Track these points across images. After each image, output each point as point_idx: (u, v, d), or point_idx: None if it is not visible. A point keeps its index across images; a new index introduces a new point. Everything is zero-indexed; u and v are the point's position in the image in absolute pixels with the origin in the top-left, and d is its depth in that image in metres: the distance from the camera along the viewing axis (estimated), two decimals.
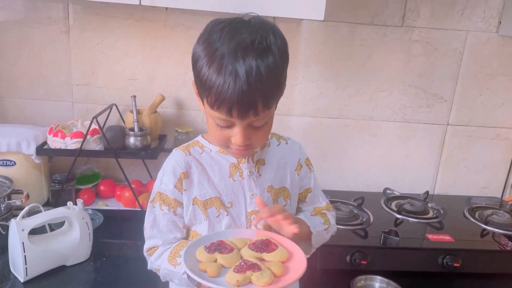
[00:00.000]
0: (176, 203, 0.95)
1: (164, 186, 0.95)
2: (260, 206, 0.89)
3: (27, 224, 1.14)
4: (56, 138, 1.44)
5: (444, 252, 1.35)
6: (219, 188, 0.95)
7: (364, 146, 1.80)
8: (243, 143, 0.85)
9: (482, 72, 1.74)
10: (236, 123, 0.83)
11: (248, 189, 0.96)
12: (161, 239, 0.97)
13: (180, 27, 1.59)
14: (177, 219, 0.96)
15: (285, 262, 0.85)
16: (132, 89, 1.63)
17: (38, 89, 1.63)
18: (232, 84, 0.77)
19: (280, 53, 0.82)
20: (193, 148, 0.97)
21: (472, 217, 1.60)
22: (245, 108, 0.79)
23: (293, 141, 1.06)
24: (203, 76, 0.81)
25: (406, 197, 1.72)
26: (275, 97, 0.84)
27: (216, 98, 0.79)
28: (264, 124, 0.86)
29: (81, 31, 1.58)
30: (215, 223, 0.95)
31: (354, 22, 1.64)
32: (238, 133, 0.84)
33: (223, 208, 0.94)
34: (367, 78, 1.71)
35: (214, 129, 0.87)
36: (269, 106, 0.82)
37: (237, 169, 0.96)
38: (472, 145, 1.83)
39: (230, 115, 0.80)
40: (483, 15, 1.67)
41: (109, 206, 1.55)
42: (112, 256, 1.29)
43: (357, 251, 1.32)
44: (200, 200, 0.94)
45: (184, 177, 0.93)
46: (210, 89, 0.79)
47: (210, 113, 0.84)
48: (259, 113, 0.81)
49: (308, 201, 1.07)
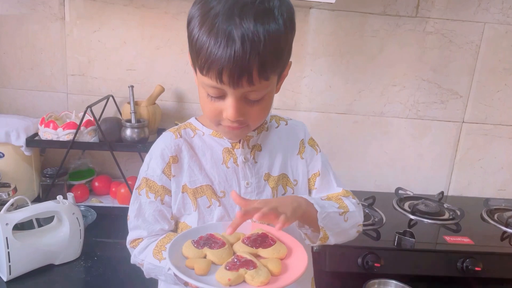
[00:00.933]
0: (163, 190, 0.86)
1: (151, 171, 0.86)
2: (237, 201, 0.76)
3: (12, 218, 1.06)
4: (47, 129, 1.36)
5: (464, 255, 1.25)
6: (211, 176, 0.86)
7: (374, 143, 1.70)
8: (235, 117, 0.75)
9: (499, 67, 1.65)
10: (228, 92, 0.73)
11: (242, 177, 0.87)
12: (146, 230, 0.87)
13: (181, 15, 1.51)
14: (165, 209, 0.87)
15: (284, 259, 0.74)
16: (130, 80, 1.54)
17: (31, 79, 1.54)
18: (223, 44, 0.68)
19: (284, 19, 0.72)
20: (184, 130, 0.89)
21: (491, 219, 1.50)
22: (238, 73, 0.70)
23: (294, 122, 0.96)
24: (194, 37, 0.72)
25: (419, 197, 1.62)
26: (274, 67, 0.74)
27: (206, 59, 0.70)
28: (260, 99, 0.76)
29: (77, 18, 1.50)
30: (206, 214, 0.86)
31: (365, 11, 1.56)
32: (230, 106, 0.74)
33: (215, 198, 0.85)
34: (378, 71, 1.63)
35: (205, 101, 0.78)
36: (266, 75, 0.72)
37: (231, 155, 0.87)
38: (488, 144, 1.73)
39: (221, 81, 0.71)
40: (501, 6, 1.59)
41: (104, 203, 1.46)
42: (104, 256, 1.21)
43: (370, 253, 1.22)
44: (190, 188, 0.85)
45: (173, 161, 0.85)
46: (200, 49, 0.70)
47: (201, 81, 0.75)
48: (254, 82, 0.71)
49: (318, 187, 0.93)
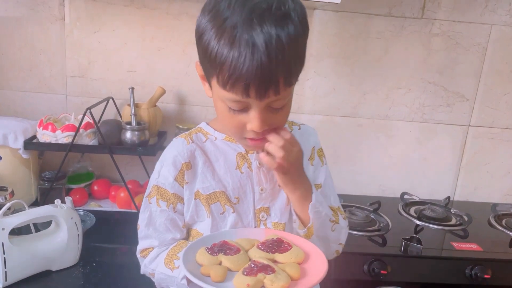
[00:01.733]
0: (176, 198, 0.83)
1: (163, 178, 0.84)
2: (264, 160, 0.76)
3: (8, 223, 1.03)
4: (46, 131, 1.33)
5: (472, 262, 1.23)
6: (225, 181, 0.84)
7: (379, 147, 1.67)
8: (261, 129, 0.72)
9: (507, 69, 1.62)
10: (253, 105, 0.70)
11: (257, 183, 0.84)
12: (157, 239, 0.85)
13: (183, 16, 1.48)
14: (177, 217, 0.85)
15: (302, 264, 0.72)
16: (130, 82, 1.51)
17: (30, 80, 1.52)
18: (249, 56, 0.65)
19: (300, 20, 0.70)
20: (195, 135, 0.86)
21: (499, 225, 1.47)
22: (265, 85, 0.67)
23: (307, 127, 0.95)
24: (212, 51, 0.68)
25: (425, 202, 1.60)
26: (297, 72, 0.72)
27: (229, 74, 0.67)
28: (283, 106, 0.74)
29: (77, 19, 1.47)
30: (219, 221, 0.83)
31: (370, 13, 1.53)
32: (255, 118, 0.71)
33: (228, 204, 0.83)
34: (383, 74, 1.60)
35: (225, 116, 0.74)
36: (290, 82, 0.70)
37: (245, 159, 0.85)
38: (495, 149, 1.70)
39: (247, 95, 0.68)
40: (508, 7, 1.56)
41: (103, 207, 1.43)
42: (103, 262, 1.17)
43: (376, 259, 1.20)
44: (203, 194, 0.83)
45: (187, 168, 0.83)
46: (222, 64, 0.67)
47: (221, 96, 0.71)
48: (280, 91, 0.69)
49: None
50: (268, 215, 0.85)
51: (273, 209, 0.85)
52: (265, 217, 0.84)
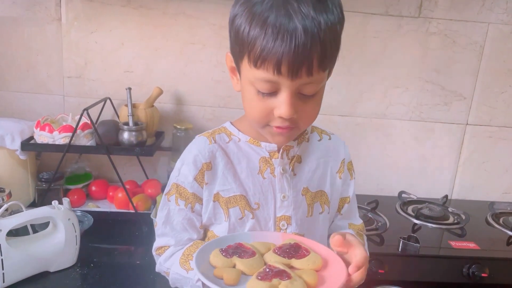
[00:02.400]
0: (194, 198, 0.82)
1: (182, 177, 0.82)
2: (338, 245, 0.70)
3: (5, 224, 1.02)
4: (43, 132, 1.32)
5: (469, 261, 1.23)
6: (246, 186, 0.81)
7: (377, 146, 1.67)
8: (289, 114, 0.69)
9: (504, 68, 1.62)
10: (283, 86, 0.68)
11: (279, 190, 0.82)
12: (173, 238, 0.84)
13: (180, 16, 1.48)
14: (194, 217, 0.83)
15: (319, 271, 0.69)
16: (128, 82, 1.51)
17: (27, 81, 1.51)
18: (283, 31, 0.63)
19: (338, 10, 0.69)
20: (219, 135, 0.84)
21: (497, 223, 1.47)
22: (298, 62, 0.65)
23: (337, 138, 0.92)
24: (244, 29, 0.67)
25: (423, 201, 1.60)
26: (333, 58, 0.70)
27: (262, 48, 0.65)
28: (315, 94, 0.71)
29: (74, 19, 1.47)
30: (237, 226, 0.81)
31: (367, 12, 1.53)
32: (284, 101, 0.69)
33: (248, 209, 0.81)
34: (380, 73, 1.60)
35: (252, 100, 0.72)
36: (325, 66, 0.68)
37: (269, 164, 0.82)
38: (493, 147, 1.70)
39: (279, 71, 0.66)
40: (505, 6, 1.56)
41: (101, 207, 1.43)
42: (101, 263, 1.17)
43: (373, 258, 1.19)
44: (223, 197, 0.81)
45: (207, 168, 0.81)
46: (255, 39, 0.66)
47: (251, 77, 0.70)
48: (313, 73, 0.66)
49: (344, 214, 0.92)
50: (289, 224, 0.82)
51: (295, 219, 0.82)
52: (285, 226, 0.82)
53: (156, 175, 1.61)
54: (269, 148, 0.82)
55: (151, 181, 1.52)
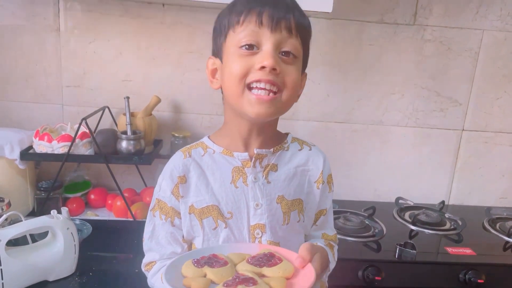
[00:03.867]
0: (173, 212, 0.84)
1: (162, 192, 0.85)
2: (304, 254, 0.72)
3: (4, 234, 1.03)
4: (42, 142, 1.33)
5: (466, 267, 1.23)
6: (218, 196, 0.82)
7: (374, 152, 1.68)
8: (272, 63, 0.71)
9: (499, 74, 1.64)
10: (265, 38, 0.73)
11: (252, 198, 0.82)
12: (158, 253, 0.85)
13: (178, 25, 1.50)
14: (175, 231, 0.85)
15: (291, 279, 0.70)
16: (126, 91, 1.52)
17: (26, 91, 1.52)
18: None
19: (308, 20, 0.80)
20: (195, 150, 0.86)
21: (493, 229, 1.48)
22: (278, 11, 0.73)
23: (318, 150, 0.92)
24: (224, 13, 0.78)
25: (420, 207, 1.60)
26: (307, 33, 0.78)
27: (245, 7, 0.74)
28: (294, 62, 0.76)
29: (72, 29, 1.48)
30: (211, 236, 0.82)
31: (362, 20, 1.55)
32: (266, 51, 0.73)
33: (221, 219, 0.81)
34: (376, 80, 1.61)
35: (234, 62, 0.74)
36: (302, 30, 0.75)
37: (241, 174, 0.83)
38: (489, 152, 1.72)
39: (260, 22, 0.72)
40: (499, 13, 1.58)
41: (99, 216, 1.43)
42: (100, 271, 1.17)
43: (370, 265, 1.20)
44: (196, 208, 0.82)
45: (181, 181, 0.82)
46: (233, 9, 0.76)
47: (235, 41, 0.75)
48: (292, 29, 0.74)
49: (319, 225, 0.93)
50: (264, 232, 0.82)
51: (269, 227, 0.82)
52: (260, 234, 0.82)
53: (154, 183, 1.57)
54: (242, 157, 0.83)
55: (149, 189, 1.53)
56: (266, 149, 0.83)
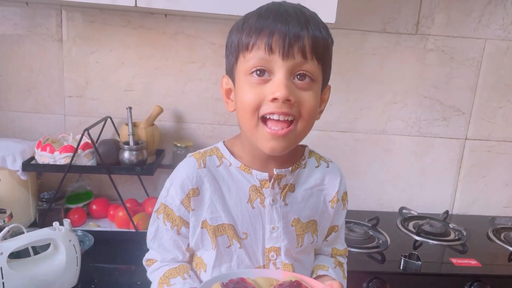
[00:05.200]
0: (181, 221, 0.80)
1: (170, 198, 0.80)
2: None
3: (6, 247, 1.02)
4: (44, 153, 1.33)
5: (471, 279, 1.22)
6: (234, 215, 0.79)
7: (377, 162, 1.68)
8: (284, 94, 0.66)
9: (501, 83, 1.64)
10: (276, 66, 0.68)
11: (268, 221, 0.80)
12: (160, 255, 0.84)
13: (180, 35, 1.50)
14: (180, 239, 0.82)
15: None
16: (128, 101, 1.52)
17: (28, 101, 1.52)
18: (274, 13, 0.69)
19: (327, 28, 0.73)
20: (209, 158, 0.81)
21: (498, 239, 1.47)
22: (289, 39, 0.66)
23: (335, 167, 0.89)
24: (237, 31, 0.73)
25: (424, 217, 1.59)
26: (325, 53, 0.71)
27: (255, 28, 0.68)
28: (310, 86, 0.70)
29: (75, 40, 1.48)
30: (225, 254, 0.80)
31: (365, 29, 1.55)
32: (278, 81, 0.67)
33: (236, 239, 0.79)
34: (379, 89, 1.61)
35: (245, 91, 0.70)
36: (318, 52, 0.68)
37: (259, 194, 0.79)
38: (492, 161, 1.71)
39: (270, 48, 0.67)
40: (501, 22, 1.58)
41: (101, 227, 1.42)
42: (102, 283, 1.17)
43: (375, 277, 1.19)
44: (211, 225, 0.79)
45: (193, 194, 0.78)
46: (248, 26, 0.70)
47: (246, 67, 0.70)
48: (307, 54, 0.67)
49: (330, 241, 0.91)
50: (279, 255, 0.80)
51: (284, 250, 0.81)
52: (274, 256, 0.80)
53: (156, 193, 1.60)
54: (260, 177, 0.79)
55: (151, 199, 1.52)
56: (285, 167, 0.80)
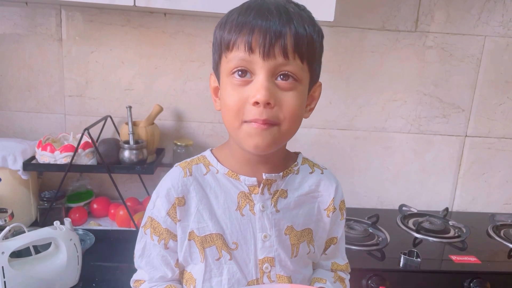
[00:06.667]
0: (168, 234, 0.76)
1: (156, 211, 0.76)
2: None
3: (8, 246, 1.03)
4: (45, 152, 1.33)
5: (470, 275, 1.22)
6: (223, 223, 0.74)
7: (377, 159, 1.68)
8: (264, 97, 0.63)
9: (501, 80, 1.63)
10: (257, 66, 0.64)
11: (260, 229, 0.75)
12: (147, 273, 0.80)
13: (179, 34, 1.50)
14: (168, 254, 0.77)
15: None
16: (128, 100, 1.53)
17: (29, 100, 1.53)
18: (255, 10, 0.65)
19: (316, 27, 0.70)
20: (196, 166, 0.77)
21: (498, 236, 1.47)
22: (270, 37, 0.63)
23: (330, 174, 0.84)
24: (219, 28, 0.70)
25: (424, 214, 1.60)
26: (309, 52, 0.67)
27: (235, 26, 0.65)
28: (293, 88, 0.66)
29: (75, 39, 1.49)
30: (214, 267, 0.75)
31: (364, 27, 1.55)
32: (258, 83, 0.64)
33: (225, 250, 0.74)
34: (378, 86, 1.61)
35: (228, 95, 0.67)
36: (301, 51, 0.65)
37: (248, 200, 0.75)
38: (492, 158, 1.71)
39: (250, 48, 0.63)
40: (501, 19, 1.57)
41: (102, 225, 1.43)
42: (103, 281, 1.17)
43: (374, 275, 1.19)
44: (198, 236, 0.74)
45: (179, 204, 0.74)
46: (229, 24, 0.67)
47: (227, 67, 0.67)
48: (289, 54, 0.64)
49: (329, 254, 0.86)
50: (273, 266, 0.76)
51: (278, 260, 0.76)
52: (269, 268, 0.76)
53: None
54: (249, 182, 0.75)
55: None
56: (275, 172, 0.76)
